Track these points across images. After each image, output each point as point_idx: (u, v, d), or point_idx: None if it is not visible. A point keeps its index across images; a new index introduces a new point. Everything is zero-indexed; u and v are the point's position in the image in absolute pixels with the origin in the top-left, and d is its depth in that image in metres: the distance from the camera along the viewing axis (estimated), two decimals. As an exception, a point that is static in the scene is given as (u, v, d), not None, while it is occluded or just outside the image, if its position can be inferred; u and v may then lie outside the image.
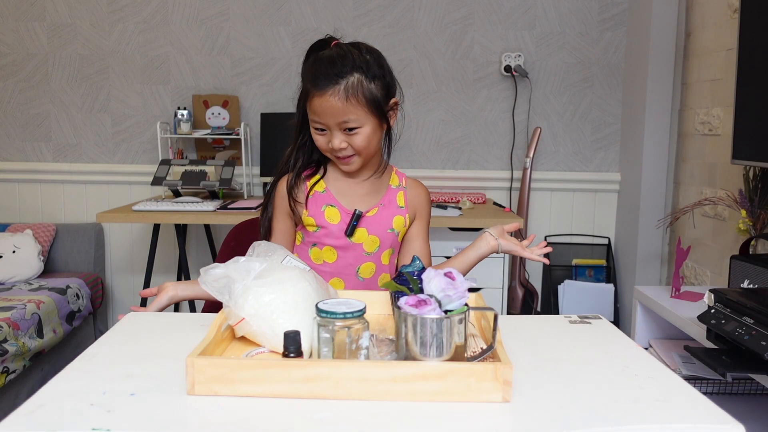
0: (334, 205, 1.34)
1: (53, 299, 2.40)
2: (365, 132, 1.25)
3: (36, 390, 0.79)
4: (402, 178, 1.42)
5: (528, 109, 2.97)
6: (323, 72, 1.22)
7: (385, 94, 1.27)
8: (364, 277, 1.36)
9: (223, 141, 2.93)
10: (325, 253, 1.35)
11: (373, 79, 1.24)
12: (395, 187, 1.40)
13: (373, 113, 1.25)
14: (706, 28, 2.49)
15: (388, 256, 1.38)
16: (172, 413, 0.74)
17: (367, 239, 1.34)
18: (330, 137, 1.25)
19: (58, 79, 2.94)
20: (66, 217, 3.02)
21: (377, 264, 1.36)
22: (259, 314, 0.92)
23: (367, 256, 1.35)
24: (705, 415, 0.75)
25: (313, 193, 1.35)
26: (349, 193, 1.35)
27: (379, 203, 1.36)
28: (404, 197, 1.39)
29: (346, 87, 1.21)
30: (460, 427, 0.71)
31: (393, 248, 1.39)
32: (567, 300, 2.87)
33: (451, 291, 0.83)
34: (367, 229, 1.34)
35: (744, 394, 1.66)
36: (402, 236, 1.40)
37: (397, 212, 1.37)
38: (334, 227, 1.33)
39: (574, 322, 1.12)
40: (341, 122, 1.22)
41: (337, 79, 1.21)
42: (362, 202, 1.35)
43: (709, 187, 2.43)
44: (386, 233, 1.36)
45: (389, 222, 1.36)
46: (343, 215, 1.33)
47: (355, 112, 1.22)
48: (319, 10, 2.91)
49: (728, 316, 1.36)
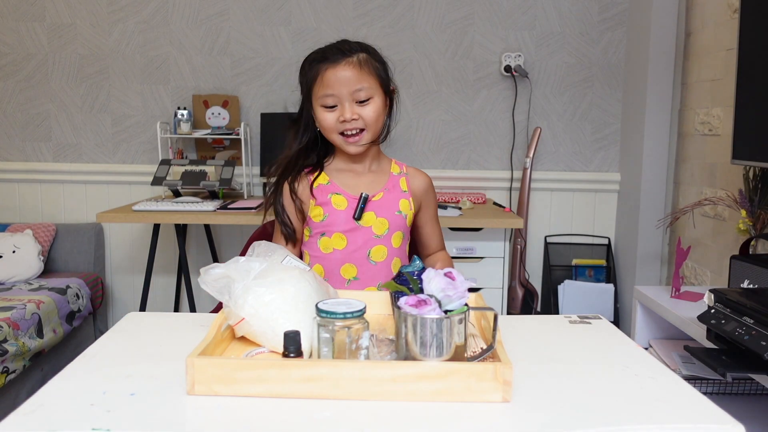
0: (339, 193, 1.37)
1: (53, 299, 2.40)
2: (376, 103, 1.32)
3: (36, 390, 0.79)
4: (402, 166, 1.47)
5: (528, 109, 2.97)
6: (334, 50, 1.31)
7: (387, 78, 1.36)
8: (376, 260, 1.37)
9: (223, 141, 2.93)
10: (335, 240, 1.36)
11: (378, 61, 1.35)
12: (397, 174, 1.44)
13: (381, 87, 1.34)
14: (706, 28, 2.49)
15: (399, 239, 1.40)
16: (172, 413, 0.74)
17: (376, 222, 1.37)
18: (341, 111, 1.30)
19: (58, 79, 2.94)
20: (66, 217, 3.02)
21: (388, 247, 1.38)
22: (259, 314, 0.92)
23: (377, 239, 1.37)
24: (705, 415, 0.75)
25: (318, 185, 1.38)
26: (352, 183, 1.39)
27: (383, 188, 1.40)
28: (407, 182, 1.43)
29: (359, 59, 1.31)
30: (460, 427, 0.71)
31: (403, 232, 1.41)
32: (567, 300, 2.87)
33: (451, 291, 0.83)
34: (375, 213, 1.37)
35: (744, 394, 1.66)
36: (410, 220, 1.42)
37: (401, 196, 1.41)
38: (341, 213, 1.36)
39: (574, 322, 1.12)
40: (355, 91, 1.29)
41: (349, 53, 1.30)
42: (366, 188, 1.39)
43: (709, 187, 2.43)
44: (394, 215, 1.38)
45: (396, 205, 1.39)
46: (350, 201, 1.37)
47: (369, 81, 1.31)
48: (319, 10, 2.91)
49: (728, 316, 1.36)
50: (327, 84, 1.29)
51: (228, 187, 2.62)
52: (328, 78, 1.29)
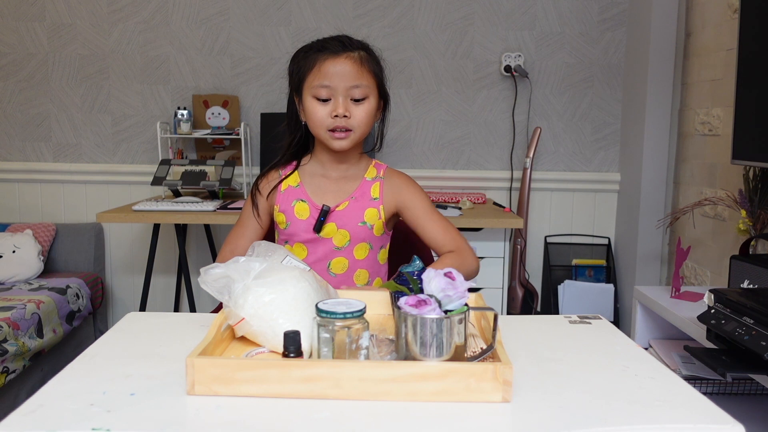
0: (304, 200, 1.35)
1: (53, 299, 2.40)
2: (369, 105, 1.28)
3: (36, 390, 0.79)
4: (380, 169, 1.40)
5: (528, 109, 2.97)
6: (335, 41, 1.26)
7: (383, 80, 1.32)
8: (336, 272, 1.35)
9: (223, 141, 2.93)
10: (296, 249, 1.35)
11: (377, 63, 1.31)
12: (370, 179, 1.38)
13: (377, 89, 1.30)
14: (706, 28, 2.49)
15: (363, 251, 1.36)
16: (171, 413, 0.74)
17: (337, 234, 1.34)
18: (334, 106, 1.26)
19: (58, 79, 2.94)
20: (66, 217, 3.02)
21: (349, 259, 1.36)
22: (259, 314, 0.92)
23: (337, 250, 1.35)
24: (705, 415, 0.75)
25: (287, 188, 1.36)
26: (321, 188, 1.36)
27: (350, 197, 1.35)
28: (379, 189, 1.37)
29: (360, 56, 1.27)
30: (460, 427, 0.71)
31: (369, 242, 1.37)
32: (567, 300, 2.87)
33: (451, 291, 0.83)
34: (336, 224, 1.34)
35: (744, 395, 1.66)
36: (379, 229, 1.36)
37: (369, 205, 1.36)
38: (302, 222, 1.33)
39: (574, 322, 1.12)
40: (352, 86, 1.25)
41: (350, 47, 1.26)
42: (333, 197, 1.35)
43: (709, 187, 2.43)
44: (357, 227, 1.34)
45: (360, 215, 1.35)
46: (312, 210, 1.34)
47: (367, 79, 1.27)
48: (319, 10, 2.91)
49: (728, 316, 1.36)
50: (324, 74, 1.24)
51: (228, 187, 2.62)
52: (326, 69, 1.24)
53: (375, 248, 1.39)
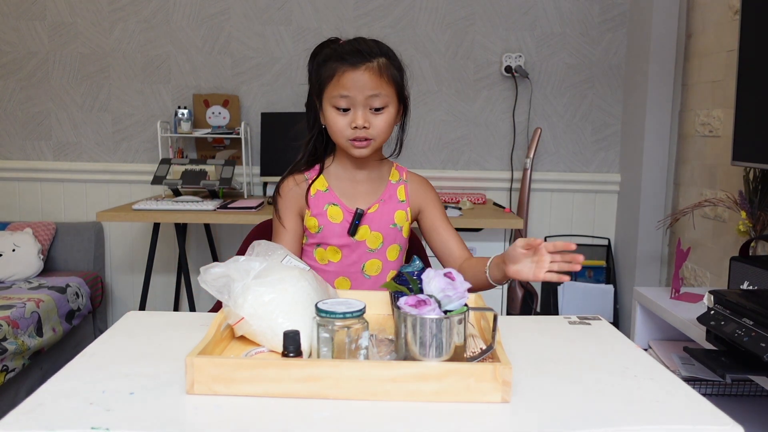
0: (336, 203, 1.35)
1: (53, 298, 2.40)
2: (389, 114, 1.28)
3: (35, 389, 0.79)
4: (402, 172, 1.44)
5: (528, 109, 2.97)
6: (353, 51, 1.25)
7: (403, 85, 1.31)
8: (370, 274, 1.37)
9: (223, 140, 2.93)
10: (330, 252, 1.35)
11: (397, 68, 1.29)
12: (395, 182, 1.41)
13: (397, 97, 1.29)
14: (706, 29, 2.49)
15: (395, 252, 1.38)
16: (171, 412, 0.74)
17: (370, 236, 1.35)
18: (354, 116, 1.26)
19: (58, 78, 2.94)
20: (66, 216, 3.02)
21: (383, 261, 1.37)
22: (259, 314, 0.92)
23: (371, 252, 1.36)
24: (704, 416, 0.75)
25: (316, 192, 1.36)
26: (350, 192, 1.37)
27: (379, 199, 1.37)
28: (405, 191, 1.41)
29: (379, 65, 1.25)
30: (460, 427, 0.71)
31: (399, 244, 1.39)
32: (566, 301, 2.87)
33: (451, 291, 0.83)
34: (369, 226, 1.35)
35: (743, 396, 1.66)
36: (406, 231, 1.40)
37: (398, 207, 1.38)
38: (336, 226, 1.34)
39: (574, 323, 1.12)
40: (371, 96, 1.25)
41: (369, 57, 1.25)
42: (363, 200, 1.37)
43: (710, 189, 2.43)
44: (388, 228, 1.36)
45: (391, 217, 1.37)
46: (345, 214, 1.35)
47: (387, 89, 1.26)
48: (319, 9, 2.91)
49: (728, 317, 1.36)
50: (343, 86, 1.24)
51: (228, 186, 2.62)
52: (345, 81, 1.24)
53: (403, 249, 1.41)
